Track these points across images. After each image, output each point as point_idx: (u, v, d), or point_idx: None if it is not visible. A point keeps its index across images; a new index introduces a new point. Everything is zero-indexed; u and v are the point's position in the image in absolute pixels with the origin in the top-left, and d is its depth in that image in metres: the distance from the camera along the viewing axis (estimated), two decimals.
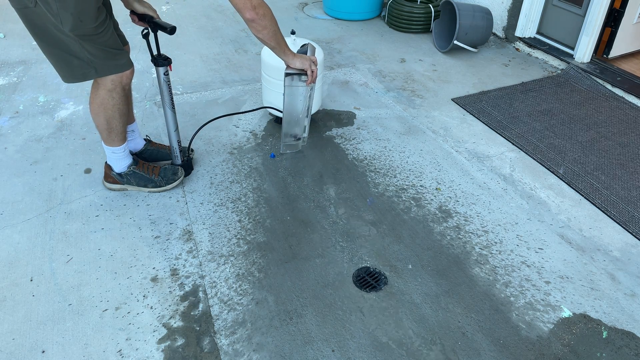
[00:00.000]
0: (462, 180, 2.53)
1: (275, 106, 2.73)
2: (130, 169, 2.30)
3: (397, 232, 2.20)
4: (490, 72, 3.62)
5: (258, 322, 1.80)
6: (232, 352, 1.70)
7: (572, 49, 3.69)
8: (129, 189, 2.35)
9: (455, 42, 3.70)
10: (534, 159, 2.70)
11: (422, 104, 3.19)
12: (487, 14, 3.77)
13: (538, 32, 3.96)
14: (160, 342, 1.72)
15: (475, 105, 3.18)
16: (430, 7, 4.19)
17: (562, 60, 3.68)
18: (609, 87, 3.38)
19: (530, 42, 3.90)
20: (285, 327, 1.78)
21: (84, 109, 2.97)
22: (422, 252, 2.10)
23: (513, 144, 2.82)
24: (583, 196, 2.44)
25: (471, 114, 3.09)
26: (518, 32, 3.99)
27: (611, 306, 1.90)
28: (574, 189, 2.49)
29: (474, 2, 4.15)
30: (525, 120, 3.03)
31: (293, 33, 2.65)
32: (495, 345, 1.75)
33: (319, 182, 2.48)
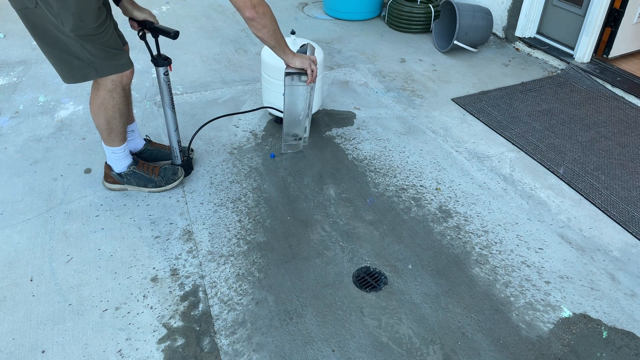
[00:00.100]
0: (462, 180, 2.53)
1: (275, 106, 2.73)
2: (130, 169, 2.30)
3: (397, 232, 2.20)
4: (490, 72, 3.62)
5: (258, 322, 1.80)
6: (232, 352, 1.70)
7: (572, 49, 3.69)
8: (129, 189, 2.35)
9: (455, 42, 3.70)
10: (534, 159, 2.70)
11: (422, 104, 3.19)
12: (487, 14, 3.77)
13: (538, 32, 3.96)
14: (160, 342, 1.72)
15: (475, 105, 3.18)
16: (430, 7, 4.19)
17: (562, 60, 3.68)
18: (609, 87, 3.38)
19: (530, 42, 3.90)
20: (285, 327, 1.78)
21: (84, 109, 2.97)
22: (422, 252, 2.10)
23: (513, 144, 2.82)
24: (583, 196, 2.44)
25: (471, 114, 3.09)
26: (518, 32, 3.99)
27: (611, 306, 1.90)
28: (574, 189, 2.49)
29: (474, 2, 4.15)
30: (525, 120, 3.03)
31: (293, 33, 2.65)
32: (495, 345, 1.75)
33: (319, 182, 2.48)
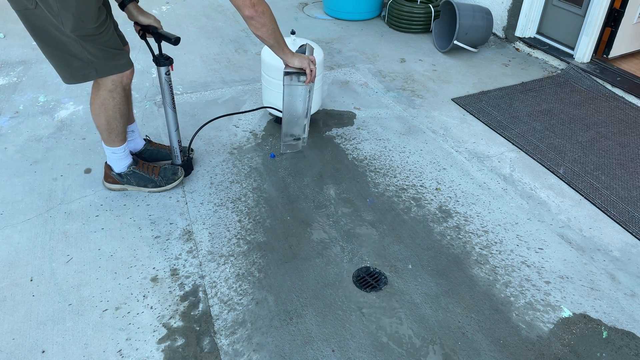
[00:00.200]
0: (462, 180, 2.53)
1: (275, 106, 2.73)
2: (130, 169, 2.30)
3: (397, 232, 2.20)
4: (490, 72, 3.62)
5: (258, 322, 1.80)
6: (232, 352, 1.70)
7: (572, 49, 3.69)
8: (129, 189, 2.35)
9: (455, 42, 3.70)
10: (534, 159, 2.70)
11: (422, 104, 3.19)
12: (487, 14, 3.77)
13: (538, 32, 3.96)
14: (160, 342, 1.72)
15: (475, 105, 3.18)
16: (430, 7, 4.19)
17: (562, 60, 3.68)
18: (609, 87, 3.38)
19: (530, 42, 3.90)
20: (285, 327, 1.78)
21: (84, 109, 2.97)
22: (422, 252, 2.10)
23: (513, 144, 2.82)
24: (583, 196, 2.44)
25: (471, 114, 3.09)
26: (518, 32, 3.99)
27: (611, 306, 1.90)
28: (574, 189, 2.49)
29: (474, 2, 4.15)
30: (525, 120, 3.03)
31: (293, 33, 2.65)
32: (495, 345, 1.75)
33: (319, 182, 2.48)
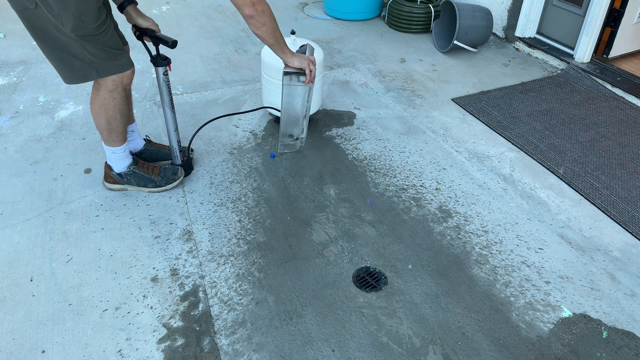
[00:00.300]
0: (462, 180, 2.53)
1: (275, 106, 2.73)
2: (130, 169, 2.30)
3: (397, 232, 2.20)
4: (490, 72, 3.62)
5: (258, 322, 1.80)
6: (232, 352, 1.70)
7: (572, 49, 3.69)
8: (129, 189, 2.35)
9: (455, 42, 3.70)
10: (534, 159, 2.70)
11: (422, 104, 3.19)
12: (487, 14, 3.77)
13: (538, 32, 3.96)
14: (160, 342, 1.72)
15: (475, 105, 3.18)
16: (430, 7, 4.19)
17: (562, 60, 3.68)
18: (609, 87, 3.38)
19: (530, 42, 3.90)
20: (285, 327, 1.78)
21: (84, 109, 2.97)
22: (422, 252, 2.10)
23: (513, 144, 2.82)
24: (583, 196, 2.44)
25: (471, 114, 3.09)
26: (518, 32, 3.99)
27: (611, 306, 1.90)
28: (574, 189, 2.49)
29: (474, 2, 4.15)
30: (525, 120, 3.03)
31: (293, 33, 2.65)
32: (495, 345, 1.75)
33: (319, 182, 2.48)
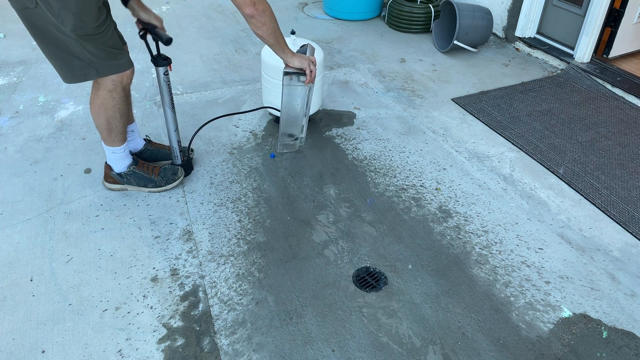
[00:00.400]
0: (462, 180, 2.53)
1: (275, 106, 2.73)
2: (130, 169, 2.30)
3: (397, 232, 2.20)
4: (490, 72, 3.62)
5: (258, 322, 1.80)
6: (232, 352, 1.70)
7: (572, 49, 3.69)
8: (129, 189, 2.35)
9: (455, 42, 3.70)
10: (534, 159, 2.70)
11: (422, 104, 3.19)
12: (487, 14, 3.77)
13: (538, 32, 3.96)
14: (160, 342, 1.72)
15: (475, 105, 3.18)
16: (430, 7, 4.19)
17: (562, 60, 3.68)
18: (609, 87, 3.38)
19: (530, 42, 3.90)
20: (285, 327, 1.78)
21: (84, 109, 2.97)
22: (422, 252, 2.10)
23: (513, 144, 2.82)
24: (583, 196, 2.44)
25: (471, 114, 3.09)
26: (518, 32, 3.99)
27: (611, 306, 1.90)
28: (574, 189, 2.49)
29: (474, 2, 4.15)
30: (525, 120, 3.03)
31: (293, 33, 2.65)
32: (495, 345, 1.75)
33: (319, 182, 2.48)
